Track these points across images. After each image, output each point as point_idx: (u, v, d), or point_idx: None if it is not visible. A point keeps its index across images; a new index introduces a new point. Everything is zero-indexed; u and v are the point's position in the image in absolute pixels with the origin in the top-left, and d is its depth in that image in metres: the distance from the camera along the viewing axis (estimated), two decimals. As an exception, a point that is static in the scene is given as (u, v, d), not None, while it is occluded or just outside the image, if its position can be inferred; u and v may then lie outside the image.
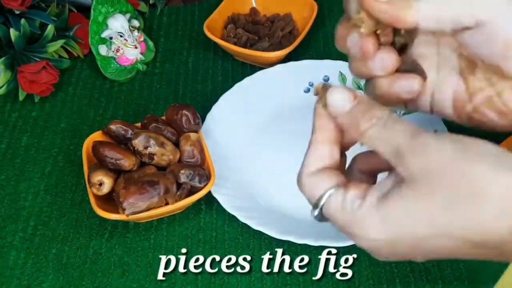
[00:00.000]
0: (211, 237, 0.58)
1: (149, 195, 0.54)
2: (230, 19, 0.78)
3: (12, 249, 0.58)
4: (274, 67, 0.71)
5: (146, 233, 0.59)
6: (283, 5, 0.79)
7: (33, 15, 0.71)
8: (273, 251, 0.56)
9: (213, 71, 0.75)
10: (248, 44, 0.74)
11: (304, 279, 0.54)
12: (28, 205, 0.61)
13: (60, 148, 0.67)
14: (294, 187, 0.64)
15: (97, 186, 0.56)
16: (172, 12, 0.84)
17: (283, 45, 0.74)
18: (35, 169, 0.65)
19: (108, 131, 0.60)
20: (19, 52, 0.70)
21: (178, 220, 0.60)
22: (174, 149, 0.59)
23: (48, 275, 0.56)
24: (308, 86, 0.71)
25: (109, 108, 0.71)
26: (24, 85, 0.69)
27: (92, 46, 0.72)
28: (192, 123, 0.61)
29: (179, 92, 0.72)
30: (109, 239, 0.58)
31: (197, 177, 0.57)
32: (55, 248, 0.58)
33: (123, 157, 0.57)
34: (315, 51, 0.77)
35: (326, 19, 0.81)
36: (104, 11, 0.72)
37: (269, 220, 0.57)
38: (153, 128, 0.61)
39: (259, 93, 0.69)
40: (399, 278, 0.54)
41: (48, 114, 0.71)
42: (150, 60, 0.76)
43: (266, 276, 0.55)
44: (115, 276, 0.55)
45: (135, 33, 0.74)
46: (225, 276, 0.55)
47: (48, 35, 0.71)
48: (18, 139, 0.68)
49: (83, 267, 0.56)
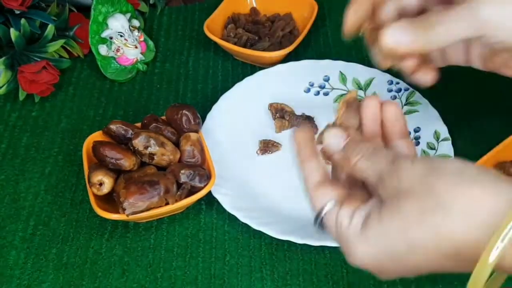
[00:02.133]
0: (211, 237, 0.58)
1: (149, 195, 0.54)
2: (230, 19, 0.78)
3: (12, 249, 0.58)
4: (274, 67, 0.71)
5: (146, 233, 0.59)
6: (283, 5, 0.79)
7: (33, 15, 0.71)
8: (274, 251, 0.56)
9: (213, 71, 0.75)
10: (248, 44, 0.74)
11: (304, 279, 0.54)
12: (28, 205, 0.61)
13: (60, 148, 0.67)
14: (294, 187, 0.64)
15: (97, 186, 0.56)
16: (172, 12, 0.84)
17: (283, 45, 0.74)
18: (35, 169, 0.65)
19: (108, 131, 0.60)
20: (19, 52, 0.70)
21: (178, 220, 0.60)
22: (174, 149, 0.59)
23: (48, 275, 0.56)
24: (308, 86, 0.71)
25: (109, 108, 0.71)
26: (24, 85, 0.69)
27: (92, 46, 0.72)
28: (192, 123, 0.61)
29: (179, 92, 0.72)
30: (109, 239, 0.58)
31: (197, 177, 0.57)
32: (55, 248, 0.58)
33: (123, 157, 0.57)
34: (315, 51, 0.77)
35: (326, 19, 0.81)
36: (104, 11, 0.72)
37: (269, 220, 0.57)
38: (153, 128, 0.61)
39: (259, 93, 0.69)
40: (399, 278, 0.54)
41: (48, 114, 0.71)
42: (150, 60, 0.76)
43: (266, 276, 0.55)
44: (115, 276, 0.55)
45: (135, 33, 0.74)
46: (225, 276, 0.55)
47: (48, 35, 0.71)
48: (18, 139, 0.68)
49: (83, 267, 0.56)
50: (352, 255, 0.36)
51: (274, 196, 0.61)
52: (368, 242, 0.35)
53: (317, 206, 0.39)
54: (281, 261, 0.56)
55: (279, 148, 0.65)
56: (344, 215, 0.37)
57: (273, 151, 0.64)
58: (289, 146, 0.65)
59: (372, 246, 0.35)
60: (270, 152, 0.64)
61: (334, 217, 0.37)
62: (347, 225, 0.37)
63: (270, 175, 0.63)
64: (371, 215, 0.36)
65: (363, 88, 0.70)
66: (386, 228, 0.35)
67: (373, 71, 0.70)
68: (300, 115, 0.66)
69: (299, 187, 0.61)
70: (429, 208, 0.33)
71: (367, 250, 0.35)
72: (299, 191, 0.61)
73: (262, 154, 0.64)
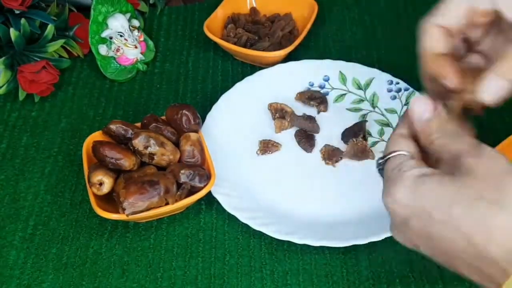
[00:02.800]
0: (211, 237, 0.58)
1: (149, 195, 0.54)
2: (230, 19, 0.78)
3: (12, 249, 0.58)
4: (274, 67, 0.71)
5: (146, 233, 0.59)
6: (283, 5, 0.79)
7: (33, 15, 0.71)
8: (274, 251, 0.56)
9: (213, 71, 0.75)
10: (248, 44, 0.74)
11: (304, 279, 0.54)
12: (28, 205, 0.61)
13: (60, 148, 0.67)
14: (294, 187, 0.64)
15: (97, 186, 0.56)
16: (172, 12, 0.84)
17: (283, 45, 0.74)
18: (35, 169, 0.65)
19: (108, 131, 0.60)
20: (19, 52, 0.70)
21: (178, 220, 0.60)
22: (174, 149, 0.59)
23: (48, 275, 0.56)
24: (308, 86, 0.71)
25: (109, 108, 0.71)
26: (24, 85, 0.69)
27: (92, 46, 0.72)
28: (192, 123, 0.61)
29: (179, 92, 0.72)
30: (109, 239, 0.58)
31: (197, 177, 0.57)
32: (55, 248, 0.58)
33: (123, 157, 0.57)
34: (315, 51, 0.77)
35: (326, 19, 0.81)
36: (104, 10, 0.72)
37: (269, 220, 0.57)
38: (153, 128, 0.60)
39: (259, 93, 0.69)
40: (399, 278, 0.54)
41: (48, 114, 0.71)
42: (150, 60, 0.76)
43: (266, 276, 0.55)
44: (115, 276, 0.55)
45: (135, 33, 0.74)
46: (225, 276, 0.55)
47: (48, 35, 0.71)
48: (18, 139, 0.68)
49: (83, 267, 0.56)
50: (391, 194, 0.37)
51: (274, 196, 0.61)
52: (416, 188, 0.36)
53: (390, 148, 0.40)
54: (281, 261, 0.56)
55: (279, 148, 0.65)
56: (408, 164, 0.38)
57: (273, 151, 0.64)
58: (289, 146, 0.65)
59: (417, 194, 0.36)
60: (270, 152, 0.64)
61: (399, 161, 0.38)
62: (405, 171, 0.37)
63: (270, 175, 0.63)
64: (433, 176, 0.36)
65: (363, 88, 0.70)
66: (440, 189, 0.35)
67: (373, 71, 0.70)
68: (301, 116, 0.66)
69: (299, 187, 0.62)
70: (488, 199, 0.33)
71: (409, 195, 0.36)
72: (299, 191, 0.61)
73: (262, 154, 0.64)
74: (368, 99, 0.69)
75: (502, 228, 0.32)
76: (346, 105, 0.69)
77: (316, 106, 0.68)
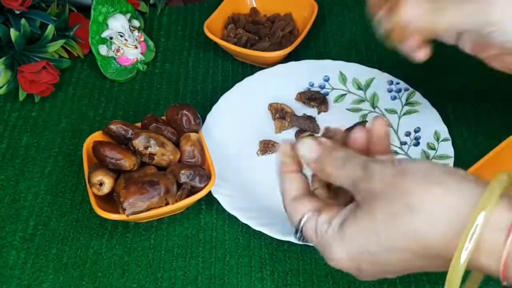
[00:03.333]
0: (211, 237, 0.58)
1: (149, 195, 0.54)
2: (230, 19, 0.78)
3: (12, 249, 0.58)
4: (274, 67, 0.71)
5: (146, 233, 0.59)
6: (283, 5, 0.79)
7: (33, 15, 0.71)
8: (274, 251, 0.56)
9: (213, 71, 0.75)
10: (248, 44, 0.74)
11: (304, 279, 0.54)
12: (28, 205, 0.61)
13: (60, 148, 0.67)
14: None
15: (97, 186, 0.56)
16: (172, 12, 0.84)
17: (283, 45, 0.74)
18: (35, 169, 0.65)
19: (108, 131, 0.60)
20: (19, 52, 0.70)
21: (178, 220, 0.60)
22: (175, 149, 0.59)
23: (48, 275, 0.56)
24: (308, 86, 0.71)
25: (109, 108, 0.71)
26: (24, 85, 0.69)
27: (92, 46, 0.72)
28: (193, 123, 0.61)
29: (179, 92, 0.72)
30: (109, 239, 0.58)
31: (197, 177, 0.57)
32: (55, 248, 0.58)
33: (123, 157, 0.57)
34: (315, 51, 0.77)
35: (326, 19, 0.81)
36: (105, 11, 0.72)
37: (269, 220, 0.57)
38: (153, 128, 0.61)
39: (259, 93, 0.69)
40: (399, 278, 0.54)
41: (48, 114, 0.71)
42: (150, 60, 0.76)
43: (266, 276, 0.55)
44: (115, 276, 0.55)
45: (135, 33, 0.74)
46: (225, 276, 0.55)
47: (48, 35, 0.71)
48: (18, 139, 0.68)
49: (83, 267, 0.56)
50: (331, 256, 0.37)
51: (274, 196, 0.60)
52: (344, 241, 0.36)
53: (295, 218, 0.40)
54: (281, 261, 0.56)
55: (279, 148, 0.65)
56: (322, 222, 0.38)
57: (273, 152, 0.64)
58: (289, 146, 0.65)
59: (348, 245, 0.36)
60: (270, 153, 0.64)
61: (314, 225, 0.38)
62: (326, 229, 0.38)
63: (270, 175, 0.62)
64: (348, 218, 0.37)
65: (363, 88, 0.70)
66: (360, 229, 0.36)
67: (373, 71, 0.70)
68: (301, 116, 0.66)
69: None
70: (398, 210, 0.34)
71: (344, 250, 0.37)
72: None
73: (262, 155, 0.64)
74: (368, 99, 0.69)
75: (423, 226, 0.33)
76: (346, 105, 0.69)
77: (316, 107, 0.68)
